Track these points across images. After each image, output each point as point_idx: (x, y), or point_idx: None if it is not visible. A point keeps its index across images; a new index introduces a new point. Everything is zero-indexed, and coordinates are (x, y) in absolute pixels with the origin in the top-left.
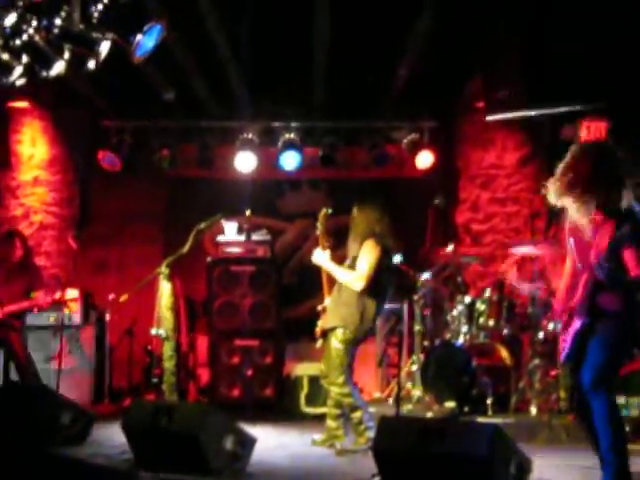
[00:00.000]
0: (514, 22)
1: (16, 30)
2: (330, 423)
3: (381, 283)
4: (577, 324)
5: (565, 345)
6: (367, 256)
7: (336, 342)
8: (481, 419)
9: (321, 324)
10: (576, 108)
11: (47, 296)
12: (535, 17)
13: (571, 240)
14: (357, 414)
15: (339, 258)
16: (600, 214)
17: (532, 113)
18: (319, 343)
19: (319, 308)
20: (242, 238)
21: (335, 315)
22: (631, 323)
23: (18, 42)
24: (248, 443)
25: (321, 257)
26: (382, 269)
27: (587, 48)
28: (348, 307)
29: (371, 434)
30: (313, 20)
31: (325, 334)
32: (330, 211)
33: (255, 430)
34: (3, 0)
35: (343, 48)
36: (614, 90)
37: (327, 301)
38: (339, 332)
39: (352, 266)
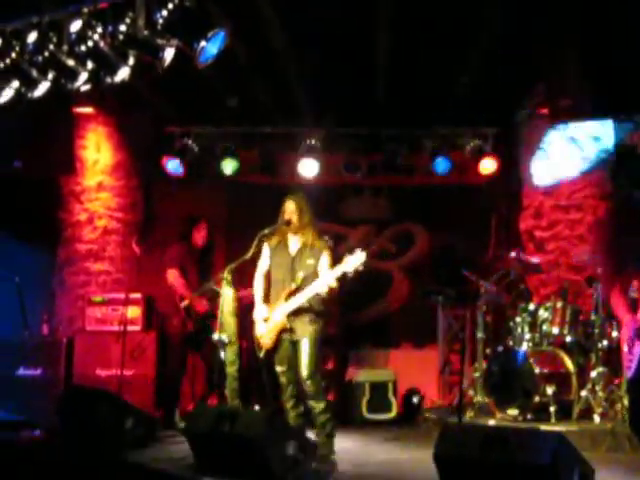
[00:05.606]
0: (577, 30)
1: (81, 36)
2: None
3: None
4: None
5: (631, 365)
6: (329, 262)
7: (311, 344)
8: (544, 427)
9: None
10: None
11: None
12: (599, 25)
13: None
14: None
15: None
16: None
17: (595, 121)
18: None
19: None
20: None
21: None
22: None
23: (83, 48)
24: (309, 449)
25: (262, 311)
26: None
27: None
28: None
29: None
30: (377, 26)
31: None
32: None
33: None
34: (71, 7)
35: (407, 54)
36: None
37: (265, 311)
38: (313, 335)
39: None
